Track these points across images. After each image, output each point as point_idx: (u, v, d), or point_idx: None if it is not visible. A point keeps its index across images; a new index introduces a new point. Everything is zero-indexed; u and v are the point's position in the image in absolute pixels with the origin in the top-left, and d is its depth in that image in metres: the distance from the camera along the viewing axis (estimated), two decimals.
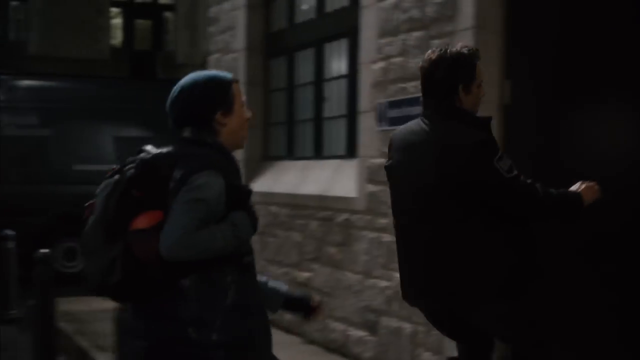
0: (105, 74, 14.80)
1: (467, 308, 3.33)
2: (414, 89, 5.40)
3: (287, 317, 6.92)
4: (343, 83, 6.61)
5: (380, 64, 5.74)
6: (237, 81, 2.90)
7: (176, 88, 2.85)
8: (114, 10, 18.95)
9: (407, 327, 5.38)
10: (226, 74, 2.90)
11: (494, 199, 3.25)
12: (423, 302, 3.52)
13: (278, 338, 3.05)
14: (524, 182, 3.26)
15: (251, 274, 2.84)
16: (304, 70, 7.25)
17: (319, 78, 6.95)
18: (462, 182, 3.22)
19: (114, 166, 2.82)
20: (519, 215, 3.32)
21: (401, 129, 3.54)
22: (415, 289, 3.46)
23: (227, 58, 8.06)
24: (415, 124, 3.45)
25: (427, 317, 3.61)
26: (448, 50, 3.38)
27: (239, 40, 7.81)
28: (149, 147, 2.80)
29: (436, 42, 5.20)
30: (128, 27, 19.13)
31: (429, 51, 3.46)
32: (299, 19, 7.33)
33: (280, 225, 7.13)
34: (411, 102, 5.41)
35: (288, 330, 6.89)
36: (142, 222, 2.65)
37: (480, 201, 3.24)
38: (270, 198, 7.18)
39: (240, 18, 7.78)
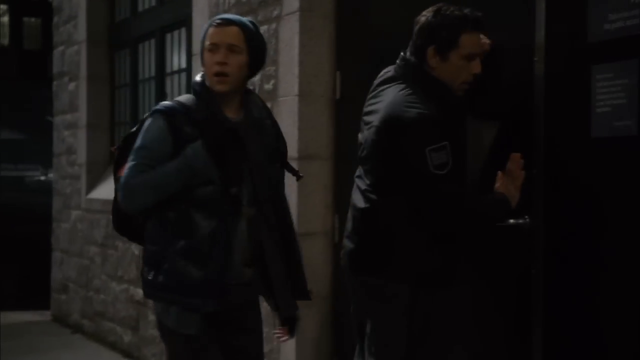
0: None
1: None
2: None
3: (127, 339, 6.22)
4: (184, 77, 5.90)
5: None
6: (215, 24, 2.95)
7: None
8: (1, 7, 17.91)
9: None
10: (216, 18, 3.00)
11: (410, 191, 2.86)
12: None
13: None
14: (450, 188, 2.82)
15: (219, 209, 2.83)
16: (147, 63, 6.52)
17: (161, 72, 6.24)
18: (394, 162, 2.84)
19: None
20: (428, 221, 2.88)
21: (382, 72, 3.14)
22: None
23: (70, 51, 7.29)
24: (387, 73, 3.09)
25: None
26: (441, 9, 2.93)
27: (81, 30, 7.04)
28: None
29: (264, 27, 4.55)
30: (16, 25, 18.10)
31: None
32: (142, 6, 6.59)
33: (120, 237, 6.36)
34: None
35: (127, 354, 6.18)
36: (120, 172, 2.90)
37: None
38: (109, 206, 6.39)
39: (81, 6, 7.02)
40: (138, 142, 2.86)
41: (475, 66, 2.95)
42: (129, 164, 2.83)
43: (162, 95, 6.18)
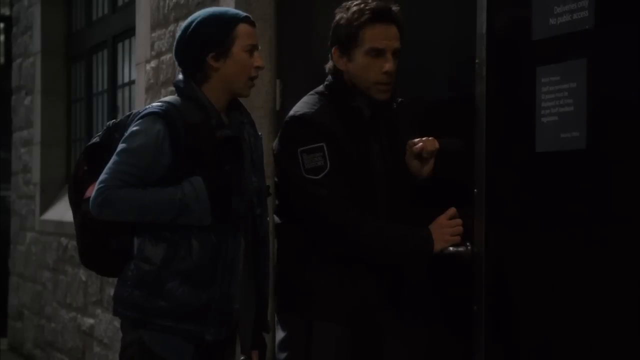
0: None
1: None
2: None
3: None
4: (134, 90, 5.48)
5: (153, 64, 4.66)
6: (247, 21, 2.56)
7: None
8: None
9: None
10: (236, 12, 2.58)
11: (291, 197, 2.60)
12: None
13: None
14: (325, 192, 2.49)
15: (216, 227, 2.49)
16: (101, 75, 6.11)
17: (114, 84, 5.83)
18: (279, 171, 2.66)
19: None
20: (311, 232, 2.58)
21: None
22: None
23: (26, 63, 6.90)
24: None
25: None
26: (344, 5, 2.64)
27: (35, 41, 6.65)
28: None
29: None
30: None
31: None
32: (96, 15, 6.19)
33: (69, 261, 5.96)
34: None
35: None
36: (89, 192, 2.51)
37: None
38: (61, 228, 6.02)
39: (36, 16, 6.63)
40: (126, 144, 2.46)
41: (385, 63, 2.57)
42: (109, 166, 2.45)
43: (114, 110, 5.77)
